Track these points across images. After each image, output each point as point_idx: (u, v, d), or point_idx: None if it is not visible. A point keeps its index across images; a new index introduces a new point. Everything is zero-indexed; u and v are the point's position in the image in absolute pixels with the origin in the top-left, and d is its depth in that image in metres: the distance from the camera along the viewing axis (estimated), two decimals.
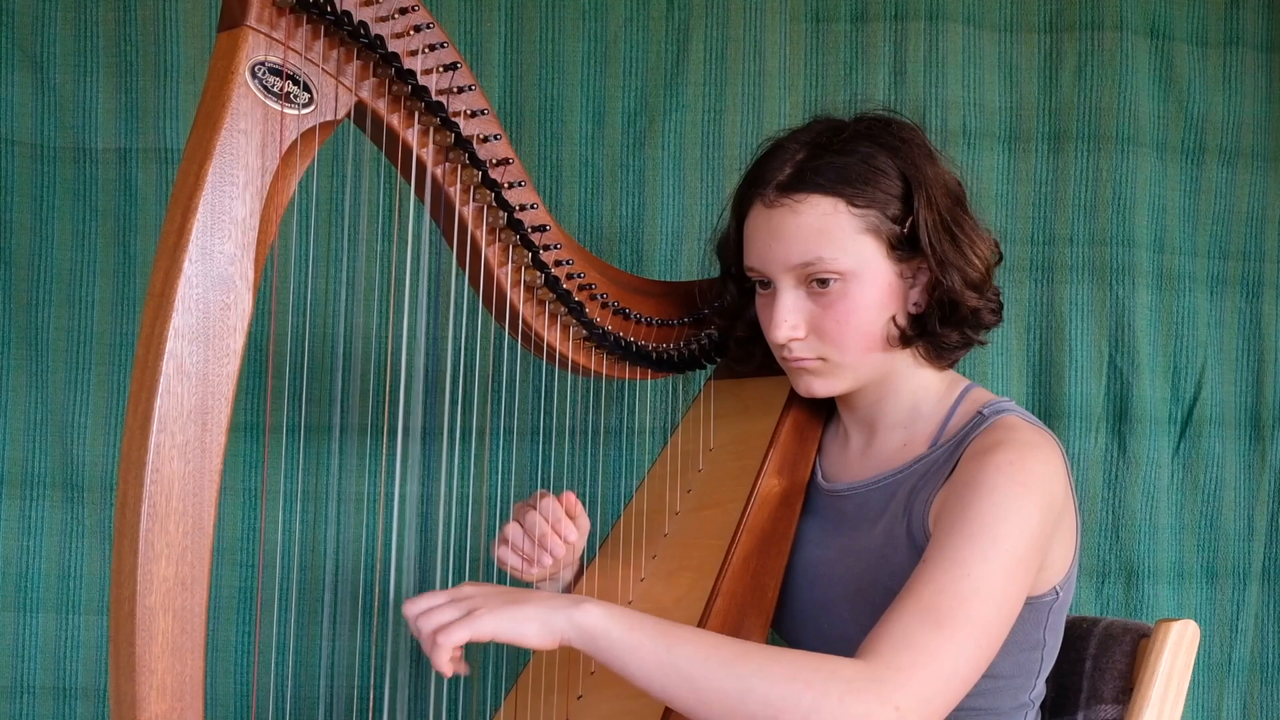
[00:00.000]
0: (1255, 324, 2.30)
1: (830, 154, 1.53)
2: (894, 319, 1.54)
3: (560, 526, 1.58)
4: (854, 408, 1.66)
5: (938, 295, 1.53)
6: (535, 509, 1.59)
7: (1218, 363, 2.28)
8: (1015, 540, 1.37)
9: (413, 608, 1.31)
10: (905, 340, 1.55)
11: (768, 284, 1.58)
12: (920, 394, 1.60)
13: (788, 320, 1.55)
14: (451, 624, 1.27)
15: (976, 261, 1.53)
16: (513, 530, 1.60)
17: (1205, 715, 2.26)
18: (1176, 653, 1.59)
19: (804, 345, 1.57)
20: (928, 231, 1.51)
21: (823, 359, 1.57)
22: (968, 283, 1.53)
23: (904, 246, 1.52)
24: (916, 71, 2.20)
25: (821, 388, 1.60)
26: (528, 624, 1.27)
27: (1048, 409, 2.23)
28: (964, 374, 2.14)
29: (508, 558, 1.61)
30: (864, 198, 1.50)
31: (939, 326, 1.54)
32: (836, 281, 1.52)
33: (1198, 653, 1.62)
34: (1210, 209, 2.28)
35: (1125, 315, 2.22)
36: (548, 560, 1.60)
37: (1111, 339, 2.23)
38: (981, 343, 1.60)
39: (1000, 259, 1.62)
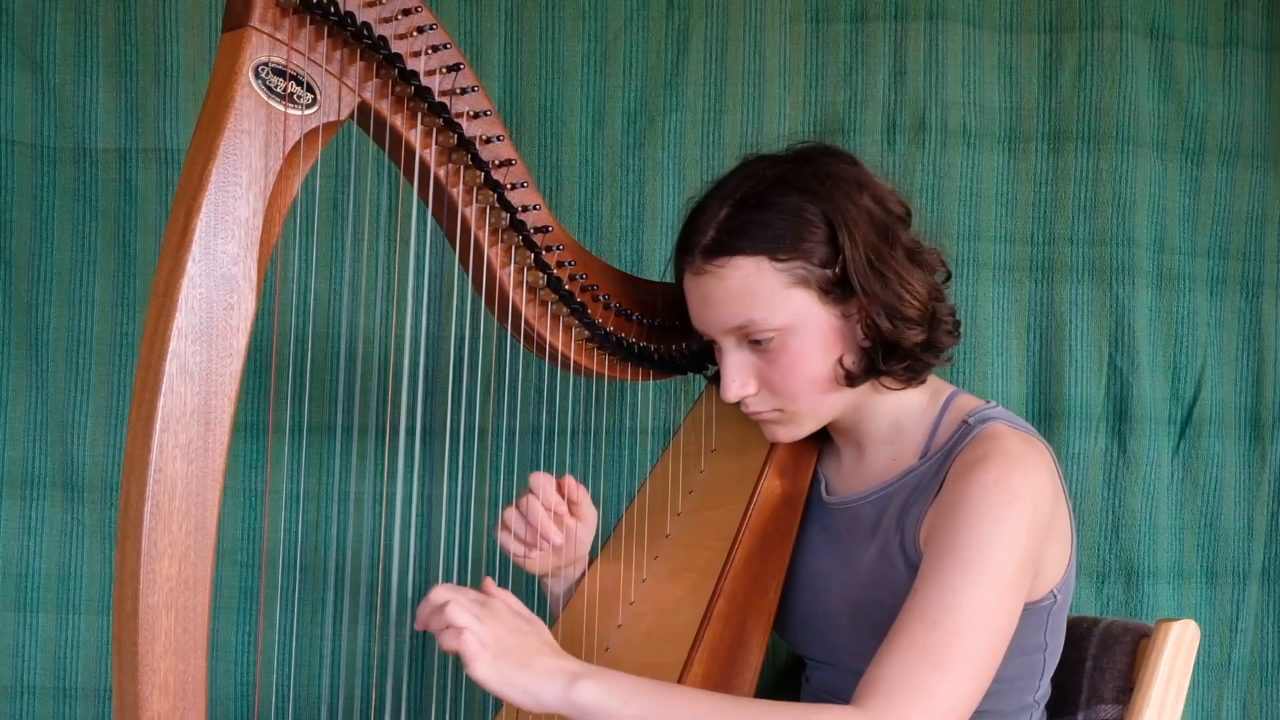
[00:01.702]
0: (1255, 324, 2.29)
1: (749, 210, 1.51)
2: (840, 360, 1.53)
3: (558, 517, 1.59)
4: (838, 428, 1.66)
5: (873, 334, 1.51)
6: (534, 494, 1.59)
7: (1218, 363, 2.28)
8: (1003, 564, 1.38)
9: (444, 594, 1.31)
10: (852, 380, 1.53)
11: (714, 343, 1.59)
12: (901, 410, 1.60)
13: (735, 380, 1.56)
14: (462, 629, 1.28)
15: (910, 297, 1.50)
16: (512, 516, 1.61)
17: (1205, 715, 2.26)
18: (1177, 653, 1.59)
19: (757, 400, 1.57)
20: (855, 272, 1.49)
21: (779, 410, 1.58)
22: (903, 318, 1.50)
23: (837, 289, 1.50)
24: (916, 71, 2.20)
25: (786, 435, 1.61)
26: (515, 692, 1.28)
27: (1048, 409, 2.23)
28: (964, 373, 2.16)
29: (509, 544, 1.62)
30: (786, 250, 1.49)
31: (884, 363, 1.53)
32: (774, 337, 1.51)
33: (1198, 653, 1.62)
34: (1210, 209, 2.27)
35: (1125, 315, 2.22)
36: (546, 548, 1.60)
37: (1111, 339, 2.23)
38: (939, 363, 1.58)
39: (949, 277, 1.60)
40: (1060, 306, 2.22)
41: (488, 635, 1.29)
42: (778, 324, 1.50)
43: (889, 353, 1.52)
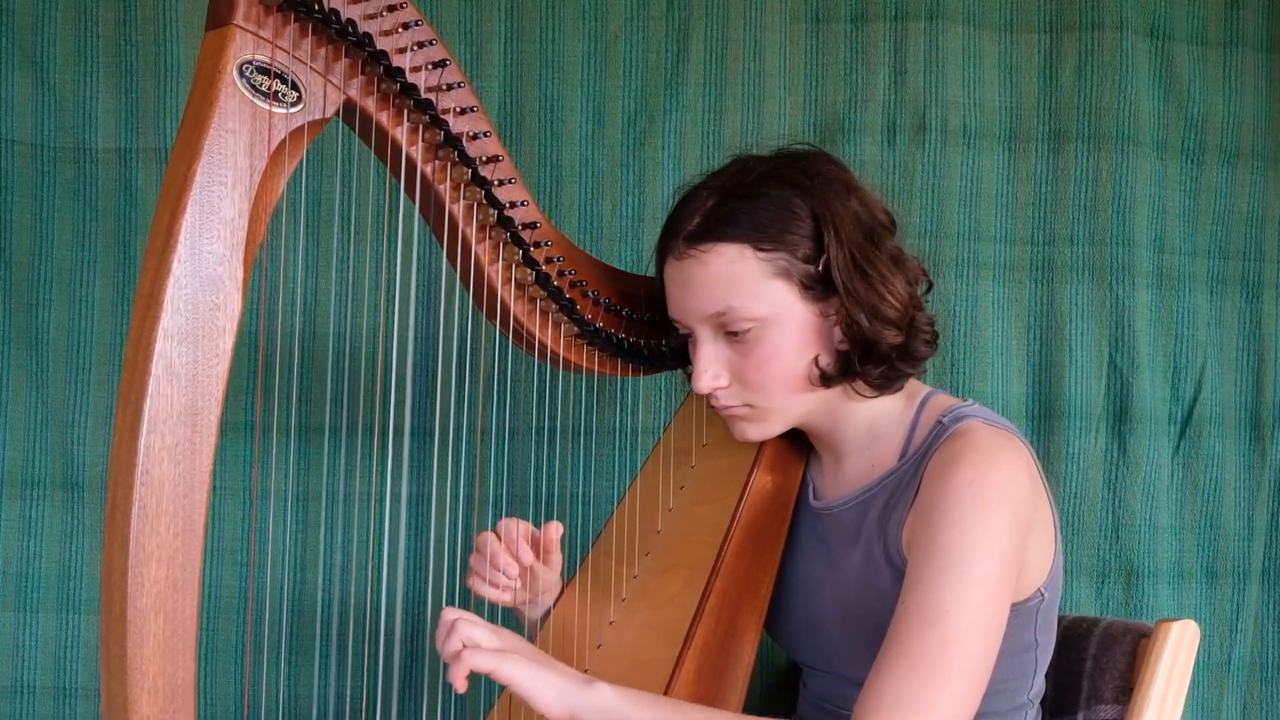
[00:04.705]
0: (1255, 324, 2.29)
1: (737, 199, 1.51)
2: (816, 359, 1.53)
3: (515, 547, 1.58)
4: (814, 435, 1.66)
5: (852, 333, 1.51)
6: (491, 532, 1.60)
7: (1218, 363, 2.27)
8: (987, 564, 1.38)
9: (453, 613, 1.34)
10: (826, 380, 1.53)
11: (690, 334, 1.58)
12: (875, 416, 1.59)
13: (708, 370, 1.55)
14: (483, 649, 1.31)
15: (891, 299, 1.50)
16: (474, 559, 1.61)
17: (1205, 715, 2.25)
18: (1176, 653, 1.59)
19: (728, 394, 1.57)
20: (838, 270, 1.49)
21: (749, 405, 1.57)
22: (883, 319, 1.50)
23: (819, 286, 1.50)
24: (916, 71, 2.20)
25: (755, 433, 1.60)
26: (546, 687, 1.32)
27: (1048, 409, 2.22)
28: (964, 373, 2.15)
29: (479, 588, 1.62)
30: (771, 241, 1.49)
31: (860, 365, 1.52)
32: (752, 328, 1.51)
33: (1198, 653, 1.62)
34: (1210, 209, 2.27)
35: (1125, 315, 2.21)
36: (501, 580, 1.60)
37: (1111, 339, 2.22)
38: (915, 374, 1.58)
39: (930, 288, 1.60)
40: (1060, 306, 2.22)
41: (504, 644, 1.33)
42: (757, 314, 1.50)
43: (866, 355, 1.52)
